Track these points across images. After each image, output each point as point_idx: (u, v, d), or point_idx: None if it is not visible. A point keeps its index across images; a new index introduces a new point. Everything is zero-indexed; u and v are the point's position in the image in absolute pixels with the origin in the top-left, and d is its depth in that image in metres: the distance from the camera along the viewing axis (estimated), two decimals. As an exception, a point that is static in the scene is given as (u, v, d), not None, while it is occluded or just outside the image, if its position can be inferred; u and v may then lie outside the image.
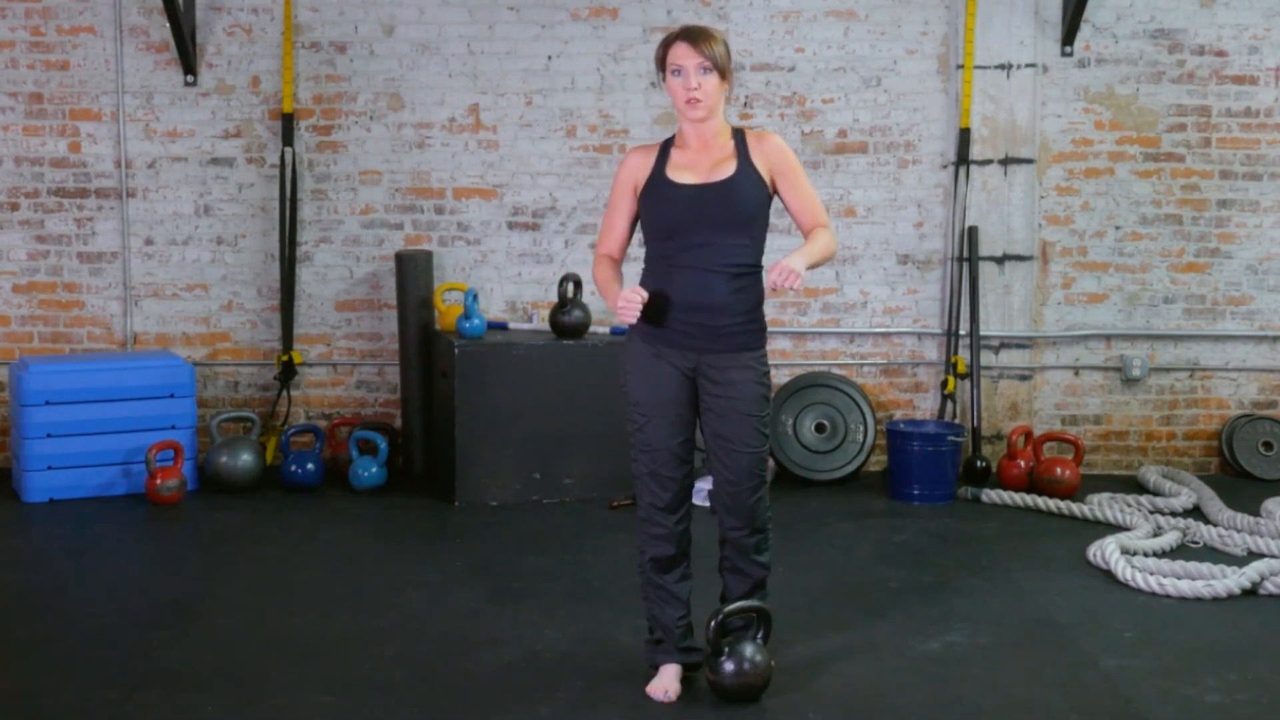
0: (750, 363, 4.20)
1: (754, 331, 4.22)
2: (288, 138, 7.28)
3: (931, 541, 6.13)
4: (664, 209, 4.17)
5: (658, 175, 4.20)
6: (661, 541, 4.28)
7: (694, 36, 4.12)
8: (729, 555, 4.35)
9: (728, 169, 4.17)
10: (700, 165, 4.18)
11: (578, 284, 6.80)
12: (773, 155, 4.21)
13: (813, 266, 4.13)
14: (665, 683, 4.27)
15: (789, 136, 7.32)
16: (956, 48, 7.33)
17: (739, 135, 4.24)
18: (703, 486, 6.25)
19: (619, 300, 4.06)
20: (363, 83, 7.36)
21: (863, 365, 7.52)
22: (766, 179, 4.21)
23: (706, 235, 4.13)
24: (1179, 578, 5.42)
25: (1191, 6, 7.36)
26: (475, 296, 6.81)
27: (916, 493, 6.82)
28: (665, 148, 4.26)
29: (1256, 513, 6.34)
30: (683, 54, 4.11)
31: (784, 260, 4.01)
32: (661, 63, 4.18)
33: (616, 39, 7.34)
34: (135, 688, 4.30)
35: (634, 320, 4.07)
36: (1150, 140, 7.41)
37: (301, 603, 5.18)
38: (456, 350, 6.65)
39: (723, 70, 4.14)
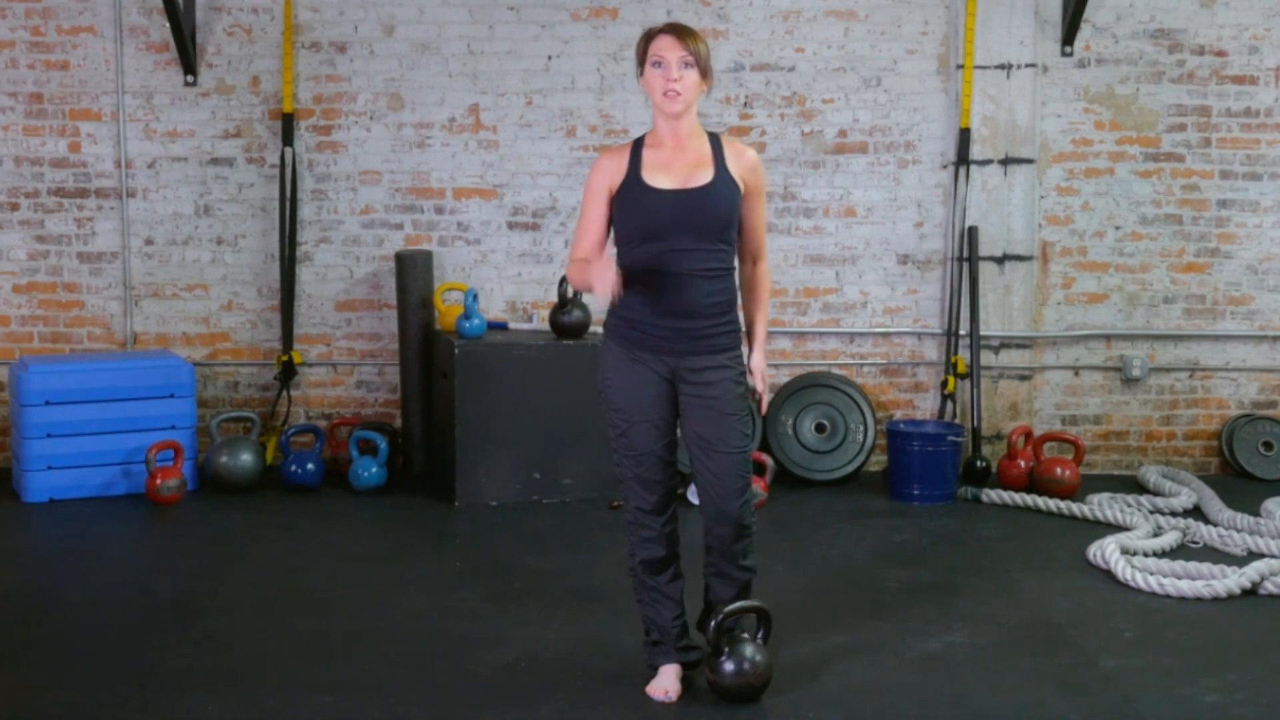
0: (727, 362, 4.20)
1: (730, 333, 4.22)
2: (288, 138, 7.28)
3: (931, 541, 6.12)
4: (641, 214, 4.13)
5: (633, 178, 4.15)
6: (651, 544, 4.28)
7: (678, 31, 4.12)
8: (714, 560, 4.34)
9: (705, 174, 4.15)
10: (676, 167, 4.15)
11: (578, 284, 6.80)
12: (748, 173, 4.21)
13: None
14: (665, 683, 4.27)
15: (789, 137, 7.32)
16: (956, 48, 7.33)
17: (714, 140, 4.22)
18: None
19: (604, 279, 3.94)
20: (363, 83, 7.36)
21: (863, 365, 7.52)
22: (740, 188, 4.19)
23: (684, 240, 4.11)
24: (1179, 578, 5.42)
25: (1191, 6, 7.36)
26: (475, 296, 6.81)
27: (916, 493, 6.82)
28: (636, 148, 4.21)
29: (1256, 513, 6.34)
30: (666, 46, 4.09)
31: (752, 363, 4.28)
32: (642, 55, 4.15)
33: (616, 39, 7.34)
34: (135, 688, 4.30)
35: (607, 297, 3.99)
36: (1150, 140, 7.41)
37: (301, 603, 5.17)
38: (456, 350, 6.65)
39: (704, 69, 4.12)
